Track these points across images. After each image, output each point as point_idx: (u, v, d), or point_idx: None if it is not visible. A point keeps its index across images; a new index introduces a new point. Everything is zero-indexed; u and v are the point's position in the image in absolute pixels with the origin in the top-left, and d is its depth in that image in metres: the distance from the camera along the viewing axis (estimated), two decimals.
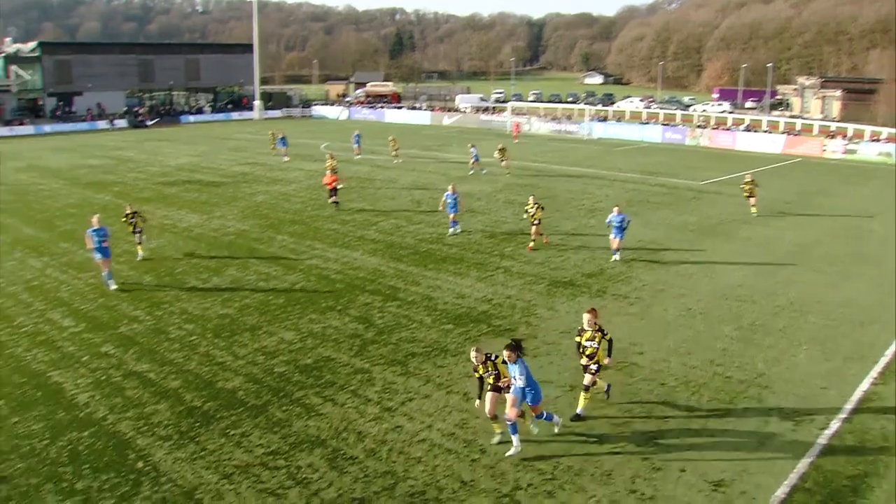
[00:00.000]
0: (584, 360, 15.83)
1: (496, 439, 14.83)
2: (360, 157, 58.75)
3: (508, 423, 14.33)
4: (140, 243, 29.59)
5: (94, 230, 25.10)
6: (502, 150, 50.04)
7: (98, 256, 25.24)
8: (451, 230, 32.16)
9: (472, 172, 50.43)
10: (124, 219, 29.63)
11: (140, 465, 14.52)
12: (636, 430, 15.38)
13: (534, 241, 29.52)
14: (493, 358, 14.54)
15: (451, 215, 31.89)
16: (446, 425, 15.69)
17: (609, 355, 15.82)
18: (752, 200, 35.80)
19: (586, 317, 15.69)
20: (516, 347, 14.05)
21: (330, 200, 38.54)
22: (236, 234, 33.64)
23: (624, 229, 27.15)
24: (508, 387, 14.44)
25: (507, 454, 14.26)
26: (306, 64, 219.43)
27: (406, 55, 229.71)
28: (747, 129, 72.74)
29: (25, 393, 17.89)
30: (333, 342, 20.40)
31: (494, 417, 14.74)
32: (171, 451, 14.95)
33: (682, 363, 18.72)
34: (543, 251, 29.22)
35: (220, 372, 18.66)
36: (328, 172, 39.34)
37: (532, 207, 29.14)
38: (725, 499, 12.97)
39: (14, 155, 68.66)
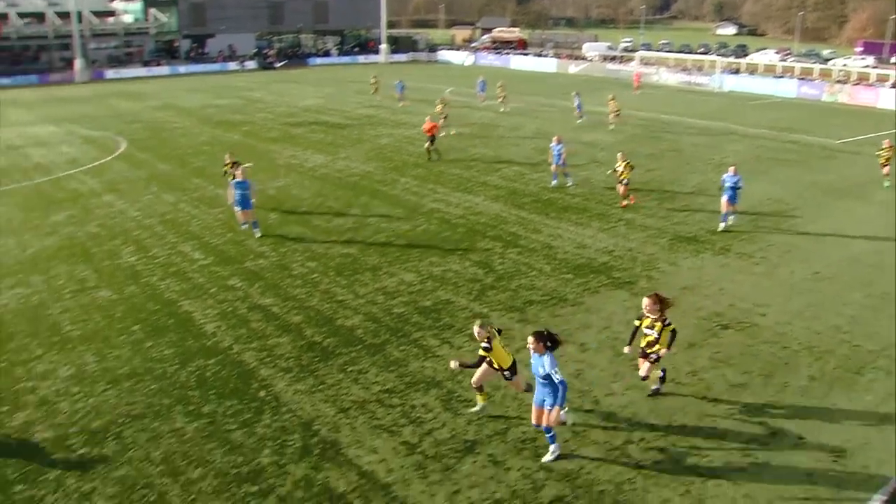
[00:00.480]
0: (642, 345, 14.36)
1: (477, 408, 14.24)
2: (484, 103, 58.47)
3: (547, 433, 12.70)
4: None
5: (238, 182, 24.91)
6: (613, 103, 48.28)
7: (238, 209, 25.26)
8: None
9: (580, 121, 49.50)
10: (224, 167, 29.64)
11: (262, 394, 15.08)
12: (754, 393, 14.90)
13: (629, 197, 28.48)
14: (489, 341, 13.33)
15: (554, 167, 31.17)
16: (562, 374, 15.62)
17: (669, 346, 14.06)
18: (887, 170, 33.04)
19: (646, 301, 14.02)
20: (544, 338, 12.17)
21: (426, 147, 37.46)
22: (360, 175, 34.15)
23: (737, 190, 25.29)
24: (501, 370, 13.49)
25: (544, 459, 12.74)
26: (433, 9, 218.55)
27: (533, 1, 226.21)
28: (893, 86, 68.68)
29: (159, 320, 18.82)
30: (453, 286, 20.57)
31: (480, 388, 14.08)
32: (291, 383, 15.46)
33: (807, 328, 17.99)
34: (668, 204, 28.54)
35: (341, 309, 19.11)
36: (428, 119, 38.11)
37: (620, 165, 27.95)
38: (845, 470, 12.46)
39: (151, 94, 71.46)
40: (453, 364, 13.60)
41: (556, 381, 11.93)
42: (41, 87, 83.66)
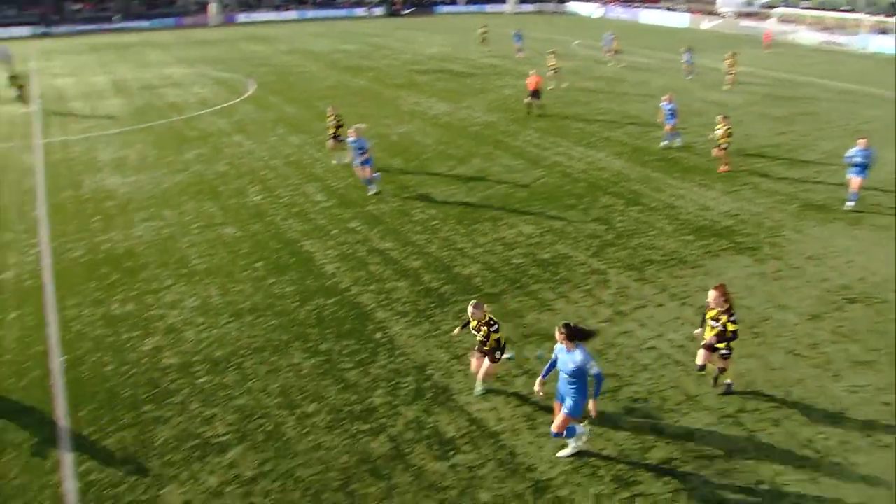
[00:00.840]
0: (707, 335, 13.04)
1: (478, 391, 13.47)
2: (609, 56, 57.06)
3: (556, 432, 11.58)
4: (333, 149, 27.49)
5: (353, 141, 23.87)
6: (731, 60, 45.67)
7: (358, 164, 24.30)
8: (665, 142, 30.33)
9: (688, 77, 47.57)
10: (327, 119, 28.07)
11: (378, 336, 15.38)
12: (879, 372, 14.10)
13: (727, 163, 26.91)
14: (491, 324, 12.68)
15: (668, 126, 29.84)
16: (677, 336, 15.33)
17: (725, 345, 12.82)
18: None
19: (712, 294, 12.78)
20: (574, 333, 11.01)
21: (526, 101, 36.12)
22: (483, 125, 34.01)
23: (867, 167, 22.77)
24: (492, 352, 12.87)
25: (560, 454, 11.80)
26: None
27: None
28: None
29: (281, 258, 19.38)
30: (572, 240, 20.35)
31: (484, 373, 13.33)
32: (407, 327, 15.71)
33: None
34: (798, 169, 27.30)
35: (459, 257, 19.21)
36: (533, 72, 36.41)
37: (720, 128, 26.21)
38: None
39: (280, 38, 72.85)
40: (456, 332, 13.70)
41: (593, 373, 10.90)
42: (177, 29, 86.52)
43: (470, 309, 12.72)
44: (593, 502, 10.79)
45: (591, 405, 11.20)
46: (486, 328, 12.67)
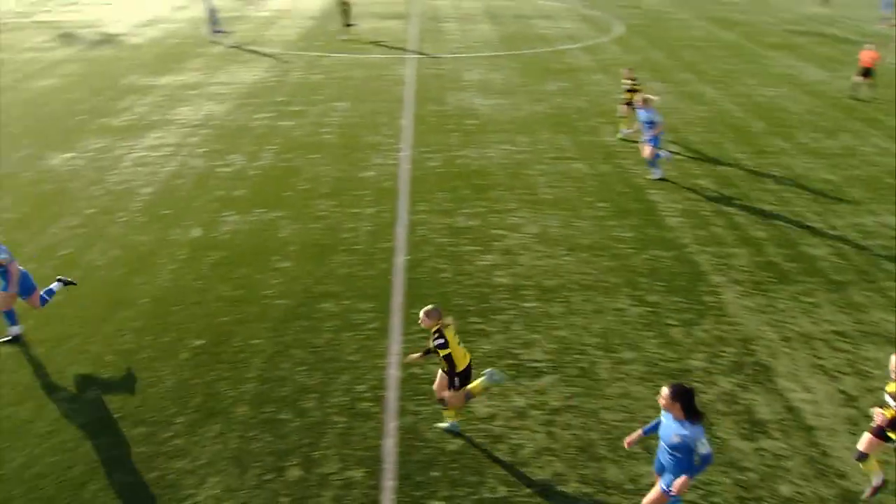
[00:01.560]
0: (878, 418, 9.65)
1: (444, 425, 11.30)
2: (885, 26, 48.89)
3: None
4: (625, 116, 24.64)
5: (642, 113, 21.19)
6: None
7: (644, 140, 21.47)
8: None
9: None
10: (623, 82, 25.15)
11: (708, 299, 15.05)
12: None
13: None
14: (436, 338, 10.33)
15: None
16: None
17: None
18: None
19: (894, 360, 9.37)
20: (685, 399, 8.36)
21: (854, 79, 30.96)
22: (858, 99, 30.85)
23: None
24: (448, 377, 10.59)
25: None
26: None
27: None
28: None
29: (624, 202, 19.56)
30: None
31: (441, 401, 11.03)
32: (740, 297, 15.20)
33: None
34: None
35: (808, 236, 18.05)
36: (870, 46, 30.53)
37: None
38: None
39: None
40: (416, 356, 11.30)
41: (702, 453, 8.43)
42: None
43: (421, 316, 10.51)
44: None
45: (680, 482, 8.57)
46: (431, 341, 10.52)
